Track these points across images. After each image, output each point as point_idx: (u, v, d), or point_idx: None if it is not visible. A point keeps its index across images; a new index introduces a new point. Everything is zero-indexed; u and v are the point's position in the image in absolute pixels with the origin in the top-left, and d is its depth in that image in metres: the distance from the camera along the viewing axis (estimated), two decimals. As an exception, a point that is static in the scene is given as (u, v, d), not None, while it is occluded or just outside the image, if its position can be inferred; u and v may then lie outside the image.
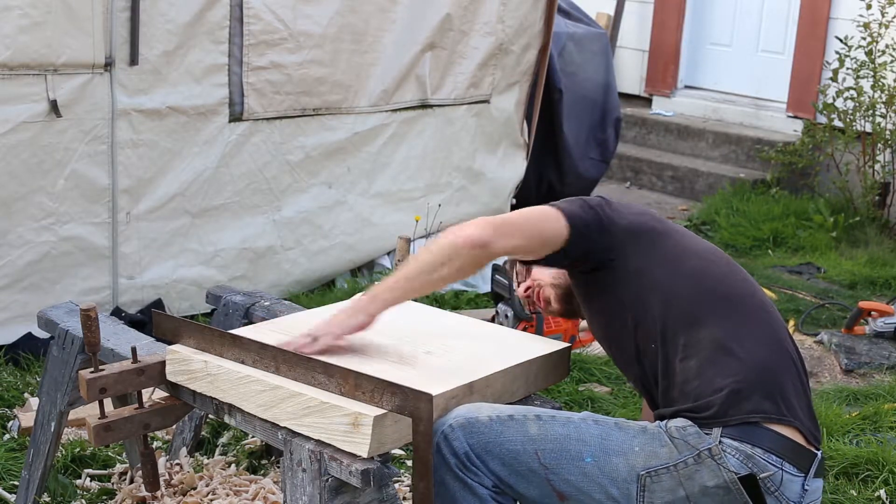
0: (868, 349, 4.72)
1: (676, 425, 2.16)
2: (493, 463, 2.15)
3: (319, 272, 5.05)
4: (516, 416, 2.19)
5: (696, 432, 2.14)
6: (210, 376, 2.26)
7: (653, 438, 2.15)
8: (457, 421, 2.16)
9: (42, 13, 3.91)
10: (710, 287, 2.27)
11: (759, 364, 2.20)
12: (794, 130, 7.56)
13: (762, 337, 2.24)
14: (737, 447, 2.11)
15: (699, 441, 2.13)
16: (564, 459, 2.15)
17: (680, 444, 2.13)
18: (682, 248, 2.33)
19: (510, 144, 5.82)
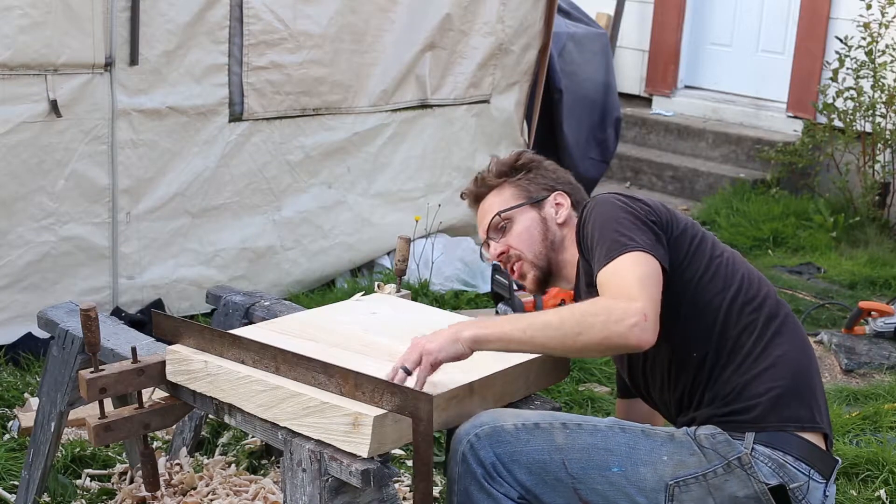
0: (868, 349, 4.72)
1: (706, 433, 2.13)
2: (519, 473, 2.13)
3: (319, 272, 5.05)
4: (542, 424, 2.16)
5: (725, 440, 2.11)
6: (210, 376, 2.26)
7: (681, 447, 2.13)
8: (483, 430, 2.14)
9: (42, 13, 3.91)
10: (754, 294, 2.25)
11: (797, 368, 2.19)
12: (794, 130, 7.56)
13: (796, 339, 2.24)
14: (769, 455, 2.09)
15: (729, 450, 2.10)
16: (591, 469, 2.13)
17: (709, 453, 2.10)
18: (722, 251, 2.31)
19: (510, 144, 5.82)
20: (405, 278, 3.94)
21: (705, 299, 2.21)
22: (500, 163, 2.53)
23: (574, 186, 2.54)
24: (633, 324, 2.00)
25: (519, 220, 2.46)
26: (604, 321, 2.02)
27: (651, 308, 2.03)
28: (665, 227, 2.24)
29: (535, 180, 2.50)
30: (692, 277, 2.22)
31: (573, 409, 3.92)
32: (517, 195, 2.49)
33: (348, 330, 2.49)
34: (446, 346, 2.10)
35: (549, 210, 2.47)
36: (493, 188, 2.52)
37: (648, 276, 2.08)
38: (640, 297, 2.03)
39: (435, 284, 5.06)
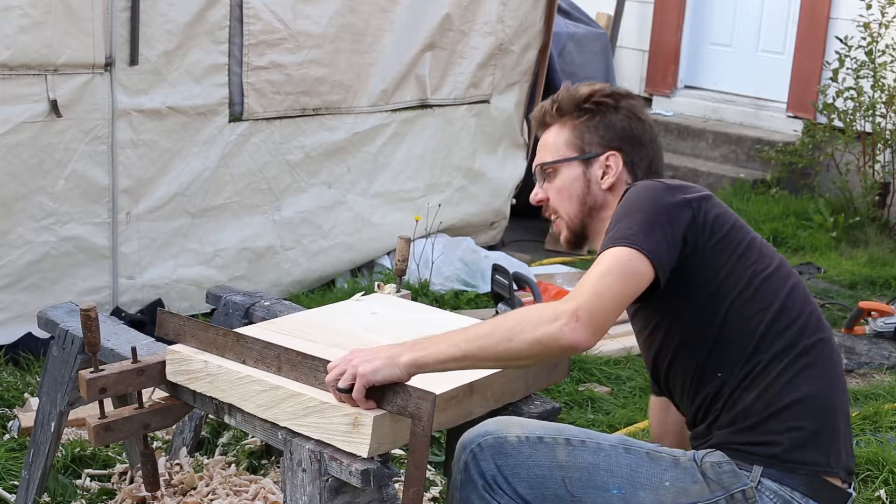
0: (868, 349, 4.73)
1: (712, 461, 2.09)
2: (520, 486, 2.10)
3: (319, 272, 5.05)
4: (546, 438, 2.13)
5: (731, 471, 2.07)
6: (210, 376, 2.26)
7: (685, 473, 2.09)
8: (486, 441, 2.11)
9: (42, 13, 3.91)
10: (795, 316, 2.13)
11: (823, 409, 2.10)
12: (794, 130, 7.56)
13: (829, 373, 2.14)
14: (776, 490, 2.05)
15: (734, 481, 2.06)
16: (591, 489, 2.10)
17: (713, 483, 2.06)
18: (769, 262, 2.17)
19: (510, 144, 5.82)
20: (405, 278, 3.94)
21: (742, 317, 2.11)
22: (569, 96, 2.33)
23: (637, 146, 2.31)
24: (564, 323, 1.93)
25: (563, 173, 2.34)
26: (534, 323, 1.96)
27: (588, 306, 1.95)
28: (701, 230, 2.11)
29: (595, 130, 2.30)
30: (730, 292, 2.11)
31: (573, 409, 3.92)
32: (571, 143, 2.33)
33: (348, 330, 2.49)
34: (382, 370, 2.00)
35: (596, 171, 2.31)
36: (555, 123, 2.36)
37: (614, 273, 2.00)
38: (584, 295, 1.97)
39: (435, 284, 5.06)
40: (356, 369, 2.00)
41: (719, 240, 2.12)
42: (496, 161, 5.75)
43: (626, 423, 3.82)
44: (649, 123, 2.34)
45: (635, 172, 2.30)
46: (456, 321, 2.66)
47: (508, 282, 4.57)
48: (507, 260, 5.35)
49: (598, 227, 2.32)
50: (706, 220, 2.11)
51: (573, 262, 5.92)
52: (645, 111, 2.36)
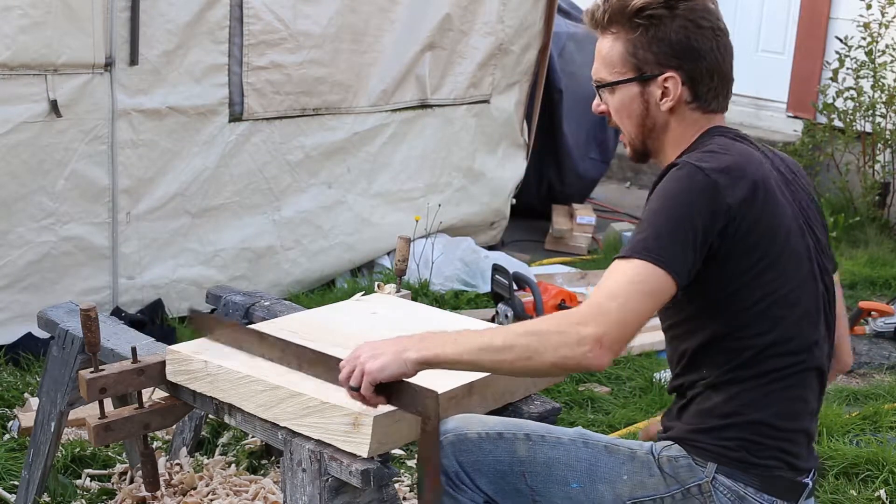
0: (868, 349, 4.73)
1: (669, 454, 2.09)
2: (481, 481, 2.12)
3: (319, 272, 5.05)
4: (506, 434, 2.13)
5: (688, 465, 2.08)
6: (210, 376, 2.26)
7: (642, 467, 2.10)
8: (447, 438, 2.11)
9: (42, 13, 3.91)
10: (795, 348, 2.09)
11: (786, 431, 2.10)
12: (794, 130, 7.56)
13: (808, 402, 2.13)
14: (729, 486, 2.06)
15: (689, 476, 2.07)
16: (551, 483, 2.11)
17: (668, 478, 2.08)
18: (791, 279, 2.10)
19: (510, 144, 5.82)
20: (405, 278, 3.94)
21: (738, 335, 2.07)
22: (620, 5, 2.14)
23: (698, 59, 2.13)
24: (588, 350, 1.89)
25: (621, 92, 2.18)
26: (556, 345, 1.91)
27: (614, 334, 1.90)
28: (731, 240, 2.01)
29: (649, 47, 2.12)
30: (734, 306, 2.06)
31: (573, 409, 3.93)
32: (625, 60, 2.14)
33: (348, 330, 2.49)
34: (389, 367, 1.97)
35: (654, 91, 2.15)
36: (608, 32, 2.17)
37: (640, 295, 1.93)
38: (609, 321, 1.90)
39: (435, 284, 5.06)
40: (363, 366, 1.99)
41: (743, 252, 2.04)
42: (496, 161, 5.74)
43: (626, 424, 3.82)
44: (712, 26, 2.14)
45: (697, 89, 2.15)
46: (456, 321, 2.66)
47: (508, 282, 4.57)
48: (507, 260, 5.35)
49: (659, 146, 2.21)
50: (738, 230, 2.01)
51: (573, 262, 5.92)
52: (708, 9, 2.14)
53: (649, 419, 3.84)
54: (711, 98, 2.16)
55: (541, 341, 1.92)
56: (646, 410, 3.93)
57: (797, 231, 2.12)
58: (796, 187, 2.21)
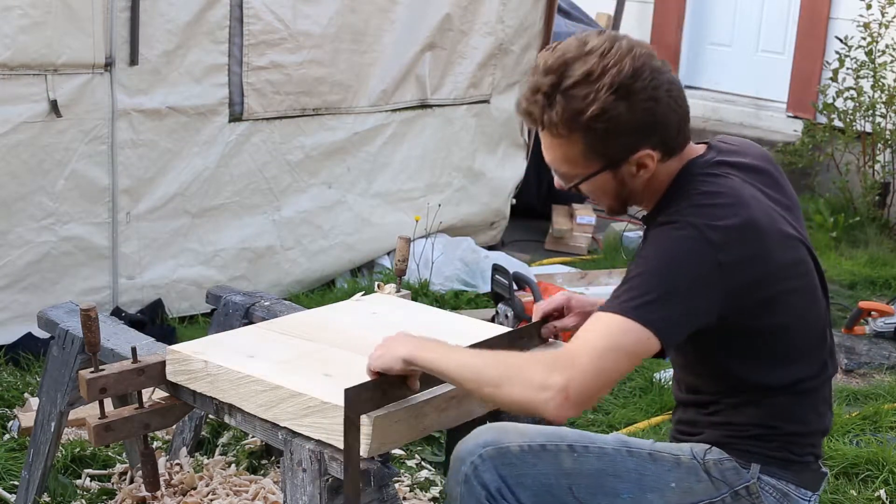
0: (868, 349, 4.72)
1: (714, 458, 2.10)
2: (524, 496, 2.07)
3: (319, 272, 5.05)
4: (549, 446, 2.10)
5: (733, 468, 2.08)
6: (210, 376, 2.26)
7: (688, 473, 2.09)
8: (487, 452, 2.08)
9: (42, 13, 3.91)
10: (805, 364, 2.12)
11: (823, 426, 2.17)
12: (794, 130, 7.55)
13: (828, 402, 2.19)
14: (774, 485, 2.08)
15: (736, 478, 2.08)
16: (600, 495, 2.09)
17: (717, 482, 2.08)
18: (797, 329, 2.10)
19: (510, 144, 5.82)
20: (405, 278, 3.94)
21: (760, 363, 2.07)
22: (570, 111, 1.97)
23: (664, 125, 2.01)
24: (550, 398, 1.84)
25: (590, 182, 2.08)
26: (523, 383, 1.87)
27: (582, 388, 1.84)
28: (731, 300, 1.96)
29: (617, 139, 1.99)
30: (755, 345, 2.05)
31: (573, 409, 3.92)
32: (590, 158, 2.03)
33: (348, 330, 2.49)
34: (383, 358, 2.03)
35: (629, 169, 2.04)
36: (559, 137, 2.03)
37: (618, 353, 1.88)
38: (580, 373, 1.85)
39: (435, 284, 5.06)
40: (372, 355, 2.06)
41: (753, 301, 2.00)
42: (496, 161, 5.74)
43: (626, 423, 3.82)
44: (666, 87, 1.99)
45: (668, 146, 2.04)
46: (456, 321, 2.66)
47: (508, 282, 4.57)
48: (507, 260, 5.35)
49: (637, 200, 2.14)
50: (738, 288, 1.95)
51: (573, 262, 5.92)
52: (656, 69, 1.98)
53: (649, 419, 3.85)
54: (681, 142, 2.08)
55: (511, 375, 1.90)
56: (646, 410, 3.93)
57: (800, 252, 2.09)
58: (781, 194, 2.16)
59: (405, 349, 2.01)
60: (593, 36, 2.02)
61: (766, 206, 2.05)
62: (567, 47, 2.01)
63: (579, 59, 1.97)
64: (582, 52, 1.98)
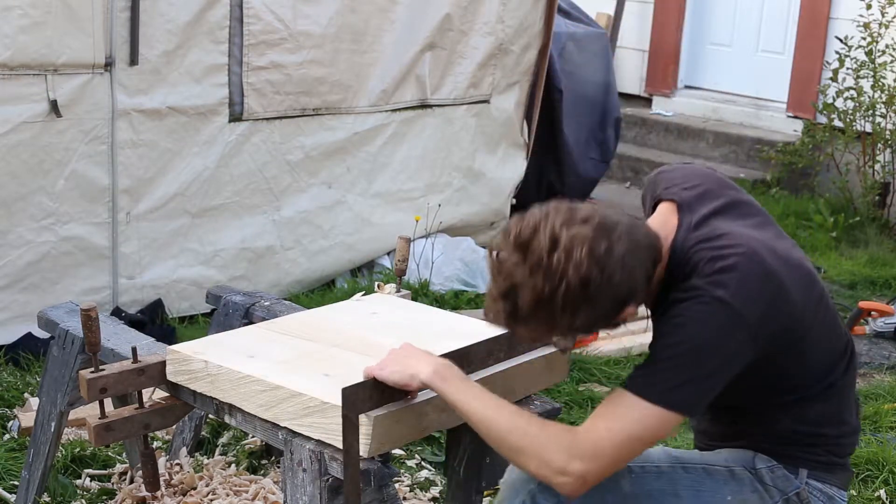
0: (868, 349, 4.73)
1: (764, 466, 2.11)
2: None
3: (319, 272, 5.05)
4: None
5: (784, 475, 2.10)
6: (210, 376, 2.26)
7: (742, 485, 2.11)
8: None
9: (42, 13, 3.91)
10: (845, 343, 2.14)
11: (858, 425, 2.21)
12: (794, 130, 7.55)
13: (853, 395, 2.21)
14: (820, 489, 2.11)
15: (787, 485, 2.10)
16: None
17: (771, 490, 2.10)
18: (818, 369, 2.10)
19: (510, 144, 5.82)
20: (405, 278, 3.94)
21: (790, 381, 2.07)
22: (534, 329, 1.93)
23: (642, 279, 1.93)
24: (568, 482, 1.88)
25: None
26: (543, 459, 1.89)
27: (600, 474, 1.89)
28: (760, 359, 1.96)
29: (594, 323, 1.94)
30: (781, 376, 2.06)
31: (573, 409, 3.92)
32: (576, 332, 1.99)
33: (348, 330, 2.49)
34: (395, 376, 2.01)
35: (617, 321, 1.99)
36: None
37: (638, 441, 1.89)
38: (597, 462, 1.87)
39: (435, 284, 5.06)
40: (381, 367, 2.03)
41: (777, 350, 1.99)
42: (496, 161, 5.74)
43: (626, 423, 3.82)
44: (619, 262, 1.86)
45: (649, 282, 1.98)
46: (456, 321, 2.66)
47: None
48: (507, 260, 5.34)
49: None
50: (770, 341, 1.95)
51: (573, 262, 5.91)
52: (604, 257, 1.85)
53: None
54: (655, 269, 1.99)
55: (532, 450, 1.91)
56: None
57: (805, 269, 2.08)
58: (755, 213, 2.15)
59: (426, 373, 1.99)
60: (530, 235, 1.86)
61: (763, 241, 2.03)
62: (510, 266, 1.87)
63: (525, 284, 1.85)
64: (525, 275, 1.85)
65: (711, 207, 2.07)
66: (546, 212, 1.89)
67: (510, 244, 1.88)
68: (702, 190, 2.11)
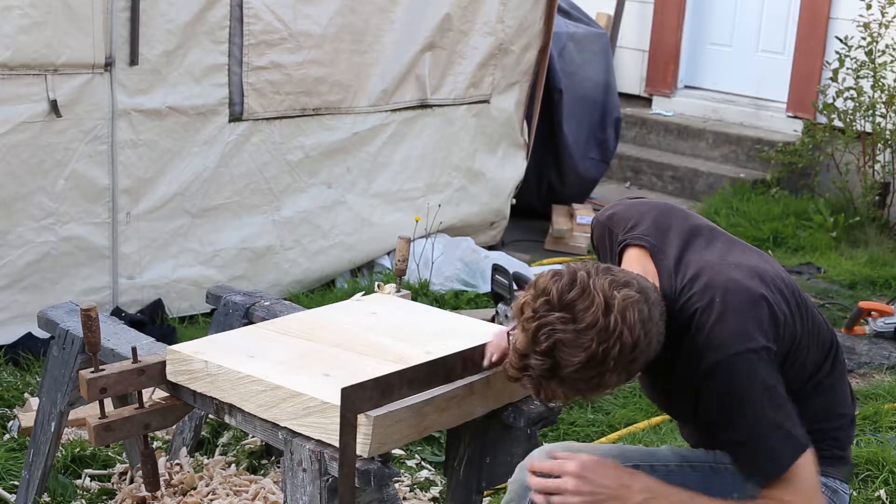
0: (868, 349, 4.73)
1: None
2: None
3: (319, 272, 5.05)
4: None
5: None
6: (210, 376, 2.26)
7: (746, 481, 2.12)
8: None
9: (42, 13, 3.91)
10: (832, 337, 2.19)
11: (854, 418, 2.22)
12: (794, 130, 7.56)
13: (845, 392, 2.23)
14: (824, 482, 2.11)
15: None
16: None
17: None
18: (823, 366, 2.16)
19: (510, 144, 5.82)
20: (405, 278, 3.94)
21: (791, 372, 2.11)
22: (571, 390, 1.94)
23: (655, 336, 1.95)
24: None
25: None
26: None
27: None
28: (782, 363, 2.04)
29: (638, 365, 1.96)
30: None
31: (573, 409, 3.92)
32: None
33: (348, 330, 2.49)
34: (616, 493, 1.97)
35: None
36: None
37: (817, 488, 2.00)
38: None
39: (435, 284, 5.06)
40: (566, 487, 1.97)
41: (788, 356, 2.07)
42: (496, 161, 5.74)
43: (626, 424, 3.82)
44: (654, 327, 1.93)
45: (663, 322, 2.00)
46: (456, 321, 2.66)
47: (508, 282, 4.57)
48: (507, 260, 5.35)
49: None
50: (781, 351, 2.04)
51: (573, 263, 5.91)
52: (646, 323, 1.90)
53: (649, 419, 3.85)
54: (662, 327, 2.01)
55: None
56: (646, 410, 3.93)
57: (783, 278, 2.12)
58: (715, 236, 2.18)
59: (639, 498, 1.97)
60: (578, 294, 1.87)
61: (737, 265, 2.07)
62: (555, 323, 1.87)
63: (575, 343, 1.85)
64: (575, 334, 1.85)
65: (678, 245, 2.11)
66: (586, 271, 1.91)
67: (553, 302, 1.87)
68: (662, 227, 2.15)
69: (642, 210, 2.21)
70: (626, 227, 2.18)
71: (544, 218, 6.43)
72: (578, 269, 1.92)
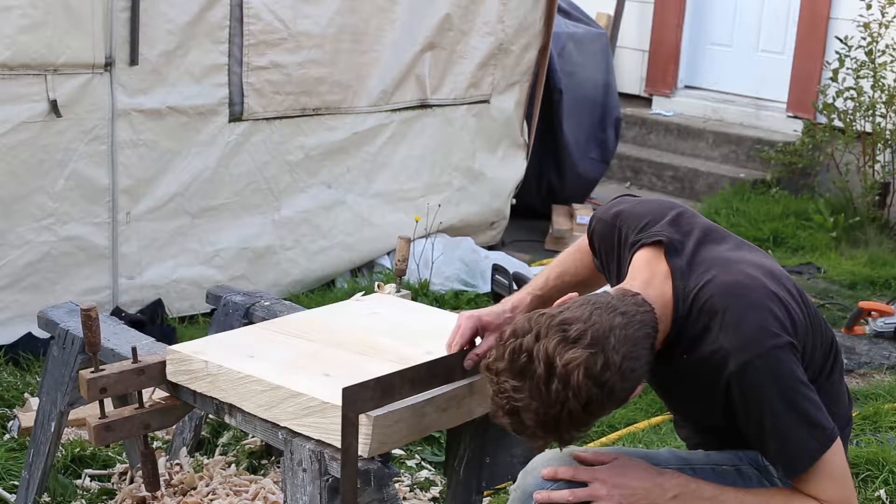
0: (868, 349, 4.73)
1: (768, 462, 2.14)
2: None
3: (319, 272, 5.05)
4: None
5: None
6: (210, 376, 2.26)
7: (750, 482, 2.13)
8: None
9: (42, 13, 3.91)
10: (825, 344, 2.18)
11: (850, 416, 2.24)
12: (794, 130, 7.56)
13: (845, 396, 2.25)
14: None
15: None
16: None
17: (778, 484, 2.12)
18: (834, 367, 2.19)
19: (510, 144, 5.82)
20: (405, 278, 3.94)
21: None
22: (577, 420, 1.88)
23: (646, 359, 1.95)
24: None
25: None
26: None
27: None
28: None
29: (607, 410, 1.94)
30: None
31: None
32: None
33: (349, 330, 2.49)
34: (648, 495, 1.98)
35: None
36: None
37: (848, 477, 2.03)
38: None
39: (435, 284, 5.06)
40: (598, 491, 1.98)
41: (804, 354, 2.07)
42: (496, 161, 5.74)
43: (626, 424, 3.82)
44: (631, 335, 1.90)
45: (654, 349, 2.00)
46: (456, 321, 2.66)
47: (508, 282, 4.58)
48: (507, 260, 5.35)
49: None
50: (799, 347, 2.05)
51: (573, 262, 5.91)
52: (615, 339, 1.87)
53: (649, 419, 3.84)
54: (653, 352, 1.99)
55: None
56: (646, 410, 3.93)
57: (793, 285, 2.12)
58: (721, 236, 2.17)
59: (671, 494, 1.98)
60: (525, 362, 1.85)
61: (750, 262, 2.07)
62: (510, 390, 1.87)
63: (528, 408, 1.86)
64: (527, 400, 1.85)
65: (693, 243, 2.10)
66: (537, 331, 1.86)
67: (506, 368, 1.87)
68: (678, 224, 2.13)
69: (653, 207, 2.18)
70: (640, 225, 2.14)
71: (544, 218, 6.43)
72: (529, 329, 1.88)
